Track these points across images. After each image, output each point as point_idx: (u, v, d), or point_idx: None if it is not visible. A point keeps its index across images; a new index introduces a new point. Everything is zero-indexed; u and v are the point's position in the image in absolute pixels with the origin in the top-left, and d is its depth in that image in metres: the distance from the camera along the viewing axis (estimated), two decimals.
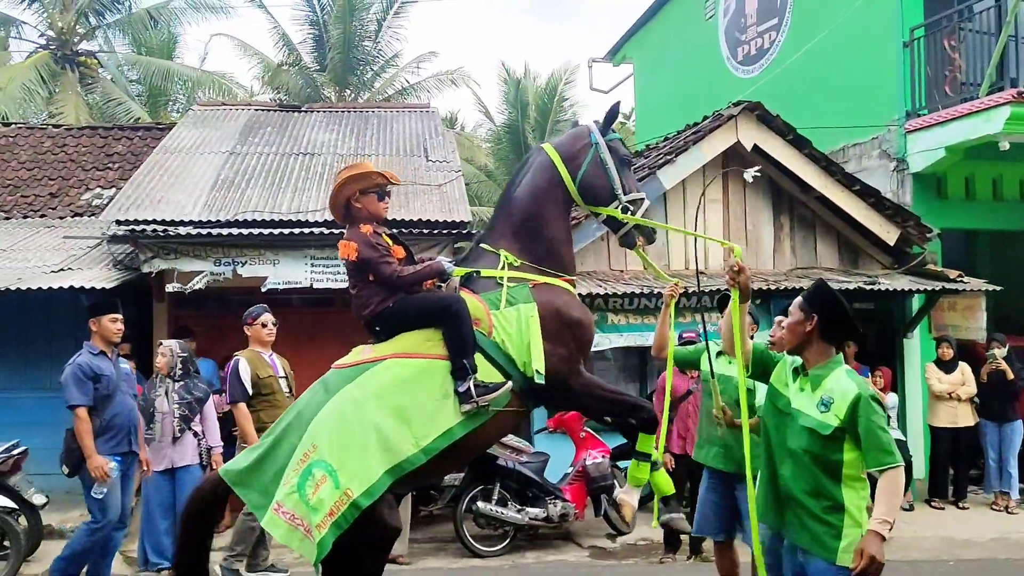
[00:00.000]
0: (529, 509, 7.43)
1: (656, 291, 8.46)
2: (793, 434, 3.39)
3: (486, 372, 3.67)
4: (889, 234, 9.47)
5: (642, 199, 4.09)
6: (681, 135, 10.13)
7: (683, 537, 7.17)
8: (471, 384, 3.57)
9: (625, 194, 4.06)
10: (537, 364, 3.72)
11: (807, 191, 9.51)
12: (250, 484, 3.53)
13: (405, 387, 3.59)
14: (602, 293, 8.38)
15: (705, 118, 9.92)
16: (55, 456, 8.23)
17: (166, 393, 6.54)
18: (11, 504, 6.18)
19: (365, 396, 3.51)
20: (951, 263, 9.90)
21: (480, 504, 7.32)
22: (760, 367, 3.84)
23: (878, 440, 3.18)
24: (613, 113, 4.21)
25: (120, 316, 6.02)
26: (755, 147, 9.25)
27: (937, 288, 9.10)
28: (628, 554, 7.41)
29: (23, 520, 6.60)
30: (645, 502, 8.96)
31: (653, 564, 7.01)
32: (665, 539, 7.23)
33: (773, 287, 8.72)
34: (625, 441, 7.95)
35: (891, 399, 9.03)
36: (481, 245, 4.03)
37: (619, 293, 8.46)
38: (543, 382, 3.71)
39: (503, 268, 3.91)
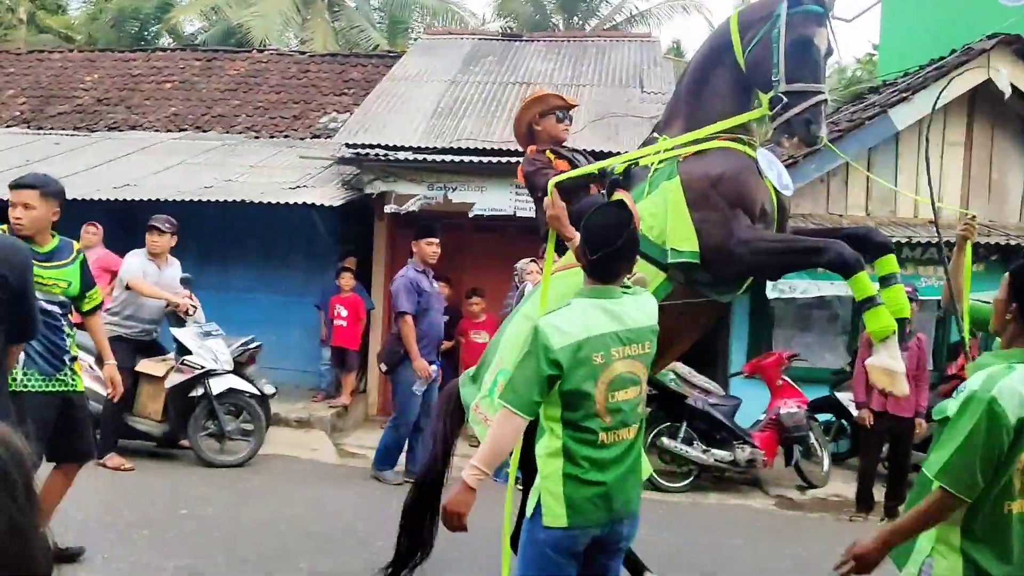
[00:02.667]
0: (715, 451, 7.37)
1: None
2: None
3: (645, 269, 3.55)
4: None
5: (809, 92, 3.50)
6: (922, 71, 9.25)
7: (878, 498, 6.85)
8: (635, 277, 3.40)
9: (788, 83, 3.53)
10: (675, 242, 3.55)
11: None
12: (467, 388, 4.00)
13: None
14: None
15: (953, 51, 8.98)
16: (286, 352, 9.27)
17: None
18: (255, 390, 7.00)
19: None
20: None
21: (665, 440, 7.36)
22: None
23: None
24: None
25: (436, 240, 6.73)
26: (1011, 87, 8.27)
27: None
28: (816, 507, 7.19)
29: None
30: (845, 458, 8.62)
31: (841, 521, 6.76)
32: (858, 497, 6.93)
33: (1014, 243, 7.89)
34: (826, 395, 7.54)
35: None
36: (652, 135, 3.93)
37: None
38: (693, 259, 3.53)
39: (657, 154, 3.77)
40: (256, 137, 11.63)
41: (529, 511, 2.85)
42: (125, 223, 9.57)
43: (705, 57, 3.89)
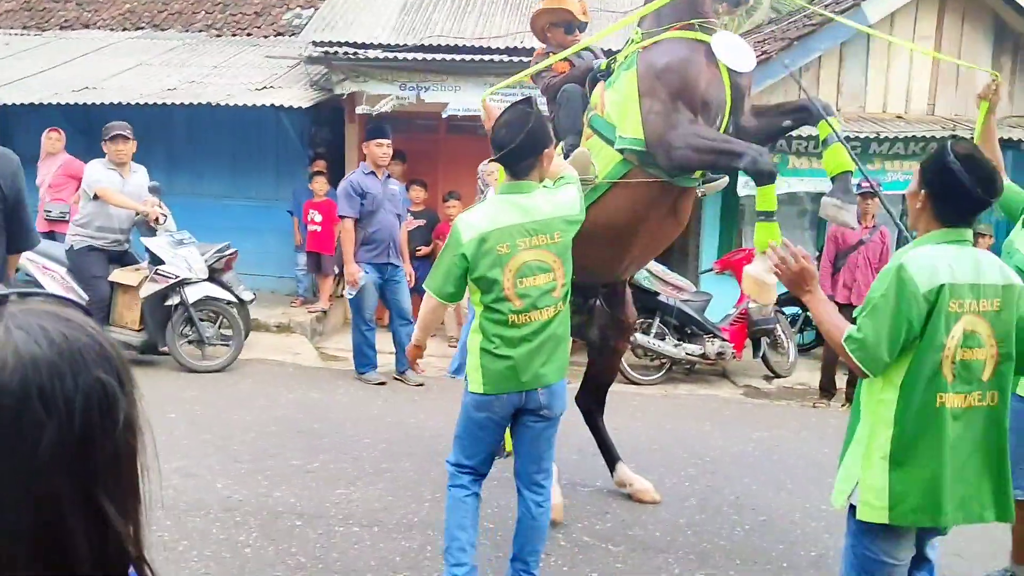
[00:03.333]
0: (686, 345, 7.64)
1: (844, 134, 8.01)
2: None
3: (599, 152, 3.88)
4: None
5: None
6: None
7: (840, 384, 7.19)
8: (574, 155, 3.90)
9: None
10: (623, 130, 3.76)
11: None
12: None
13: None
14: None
15: None
16: (262, 258, 9.27)
17: None
18: (230, 296, 7.03)
19: None
20: None
21: (639, 336, 7.59)
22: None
23: None
24: None
25: (385, 141, 6.69)
26: None
27: None
28: (782, 395, 7.54)
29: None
30: (809, 349, 8.98)
31: (805, 407, 7.11)
32: (821, 385, 7.27)
33: None
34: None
35: None
36: (638, 28, 4.01)
37: (803, 135, 8.09)
38: (636, 146, 3.73)
39: (625, 49, 3.96)
40: (217, 35, 11.27)
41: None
42: (83, 127, 9.37)
43: None
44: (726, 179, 4.29)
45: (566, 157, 3.96)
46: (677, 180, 3.89)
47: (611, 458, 4.70)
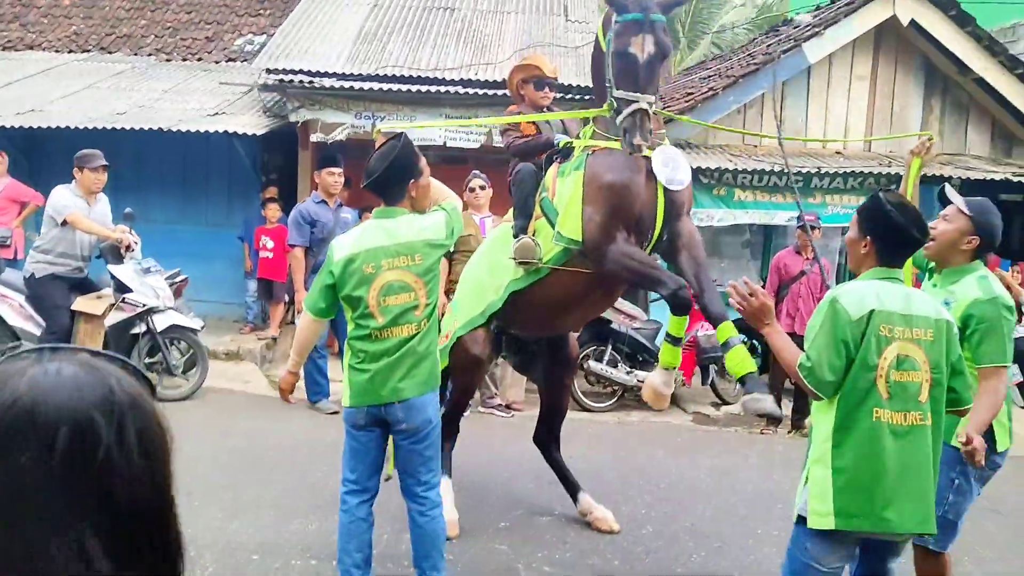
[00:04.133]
0: (638, 372, 7.78)
1: (787, 169, 8.31)
2: None
3: (546, 235, 4.15)
4: None
5: (629, 101, 3.71)
6: (833, 6, 9.58)
7: (785, 411, 7.39)
8: (519, 242, 4.20)
9: (616, 89, 3.80)
10: (562, 227, 4.01)
11: (965, 72, 8.90)
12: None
13: (497, 245, 4.47)
14: (731, 168, 8.31)
15: None
16: (210, 285, 9.16)
17: None
18: (200, 324, 7.02)
19: (481, 253, 4.69)
20: None
21: (592, 363, 7.72)
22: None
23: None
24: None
25: (336, 170, 6.76)
26: (912, 22, 8.68)
27: None
28: (730, 422, 7.71)
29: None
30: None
31: (753, 434, 7.29)
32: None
33: None
34: (739, 317, 8.24)
35: None
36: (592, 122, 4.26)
37: (749, 169, 8.36)
38: (572, 245, 4.00)
39: (582, 137, 4.24)
40: (167, 60, 11.17)
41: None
42: (26, 150, 9.19)
43: (595, 45, 4.16)
44: None
45: (515, 236, 4.26)
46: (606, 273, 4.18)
47: (572, 488, 4.82)
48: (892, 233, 2.74)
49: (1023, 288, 8.62)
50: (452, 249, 6.74)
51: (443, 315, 4.62)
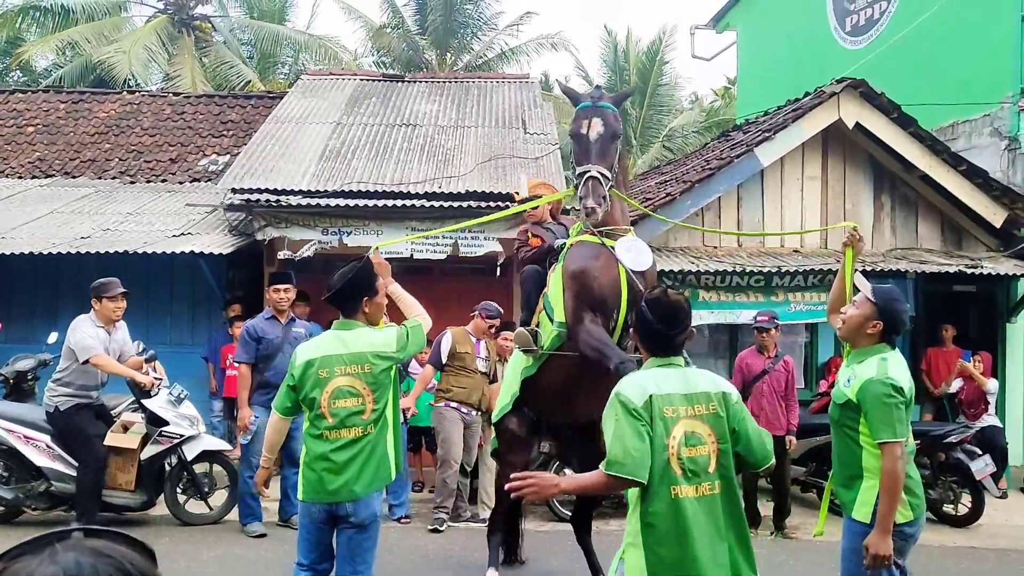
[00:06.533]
0: None
1: (748, 269, 8.50)
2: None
3: (545, 326, 4.76)
4: (995, 216, 9.18)
5: (583, 172, 4.37)
6: (781, 111, 10.02)
7: (764, 513, 7.32)
8: (517, 331, 4.95)
9: (575, 166, 4.49)
10: (557, 313, 4.60)
11: (910, 170, 9.29)
12: None
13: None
14: (694, 270, 8.46)
15: (807, 94, 9.77)
16: None
17: None
18: (227, 446, 7.11)
19: (513, 354, 5.42)
20: None
21: (567, 472, 7.60)
22: None
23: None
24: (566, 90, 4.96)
25: (284, 287, 6.81)
26: (857, 125, 9.10)
27: None
28: None
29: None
30: None
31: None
32: (748, 514, 7.37)
33: (870, 268, 8.62)
34: None
35: (992, 385, 8.85)
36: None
37: (711, 271, 8.52)
38: (563, 328, 4.55)
39: (570, 235, 4.88)
40: (132, 182, 11.25)
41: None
42: None
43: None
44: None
45: (523, 325, 4.97)
46: None
47: (594, 571, 5.41)
48: (646, 328, 3.04)
49: (985, 377, 8.83)
50: (445, 361, 7.17)
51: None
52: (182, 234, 8.96)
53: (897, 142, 9.10)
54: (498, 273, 8.71)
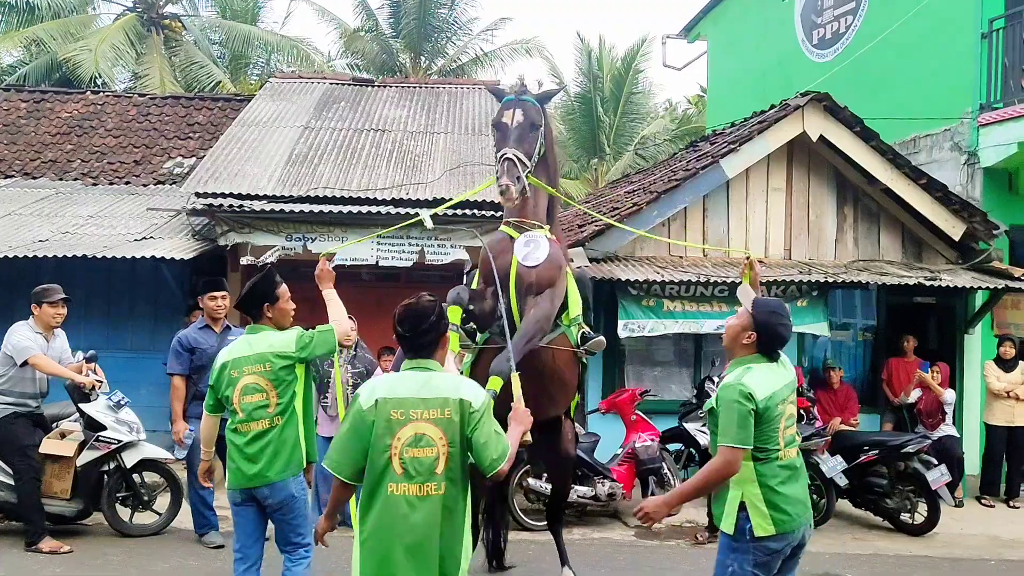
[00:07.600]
0: (577, 487, 7.68)
1: (712, 279, 8.56)
2: None
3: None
4: (955, 229, 9.33)
5: (501, 156, 4.61)
6: (747, 123, 10.11)
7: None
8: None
9: (496, 151, 4.77)
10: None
11: (873, 183, 9.42)
12: None
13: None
14: (659, 280, 8.50)
15: (772, 107, 9.87)
16: (136, 412, 8.80)
17: (343, 364, 6.90)
18: (167, 454, 6.87)
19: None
20: (1021, 260, 9.72)
21: (530, 480, 7.60)
22: None
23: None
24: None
25: (219, 294, 6.59)
26: (821, 137, 9.20)
27: (1001, 286, 8.96)
28: (672, 535, 7.62)
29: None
30: None
31: (698, 547, 7.21)
32: (710, 522, 7.42)
33: (832, 279, 8.72)
34: (675, 425, 8.45)
35: (949, 395, 8.97)
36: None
37: (676, 280, 8.56)
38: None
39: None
40: (94, 184, 11.10)
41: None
42: None
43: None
44: (602, 338, 5.23)
45: None
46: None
47: (561, 558, 5.79)
48: (395, 331, 3.28)
49: (942, 388, 8.96)
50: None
51: None
52: (144, 238, 8.85)
53: (859, 155, 9.22)
54: (465, 280, 8.68)
